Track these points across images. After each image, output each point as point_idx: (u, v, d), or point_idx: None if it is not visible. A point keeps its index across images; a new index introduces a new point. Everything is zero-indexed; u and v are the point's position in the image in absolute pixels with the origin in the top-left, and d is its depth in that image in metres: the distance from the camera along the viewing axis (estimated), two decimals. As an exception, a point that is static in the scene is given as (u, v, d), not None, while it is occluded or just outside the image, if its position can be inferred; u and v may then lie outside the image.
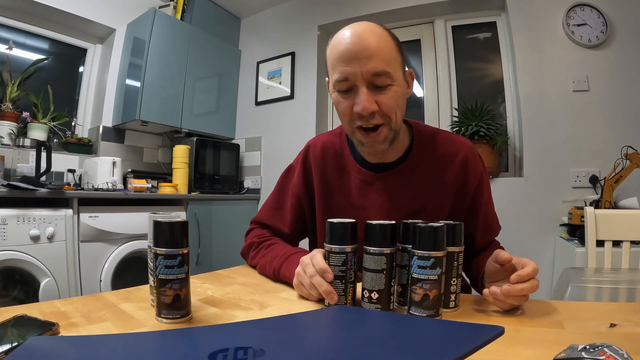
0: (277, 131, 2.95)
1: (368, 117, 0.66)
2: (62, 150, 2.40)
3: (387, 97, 0.66)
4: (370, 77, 0.64)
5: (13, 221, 1.57)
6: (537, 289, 0.52)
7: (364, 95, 0.64)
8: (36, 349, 0.34)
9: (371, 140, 0.69)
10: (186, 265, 0.50)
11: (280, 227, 0.89)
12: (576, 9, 2.01)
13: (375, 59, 0.63)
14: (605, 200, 1.66)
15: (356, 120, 0.68)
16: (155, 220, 0.49)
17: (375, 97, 0.65)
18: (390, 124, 0.68)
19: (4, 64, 2.22)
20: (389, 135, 0.70)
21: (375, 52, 0.63)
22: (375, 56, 0.63)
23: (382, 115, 0.67)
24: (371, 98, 0.65)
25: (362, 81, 0.64)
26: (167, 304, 0.48)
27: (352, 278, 0.55)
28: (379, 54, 0.64)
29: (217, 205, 2.62)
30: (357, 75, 0.64)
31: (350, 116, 0.68)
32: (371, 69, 0.63)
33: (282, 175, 0.94)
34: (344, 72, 0.65)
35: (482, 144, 2.10)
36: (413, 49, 2.63)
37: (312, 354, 0.33)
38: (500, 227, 0.87)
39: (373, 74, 0.64)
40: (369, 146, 0.71)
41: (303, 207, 0.88)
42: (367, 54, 0.63)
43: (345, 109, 0.68)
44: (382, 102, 0.66)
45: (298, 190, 0.88)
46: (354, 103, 0.66)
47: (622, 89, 1.92)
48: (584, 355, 0.32)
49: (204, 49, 2.88)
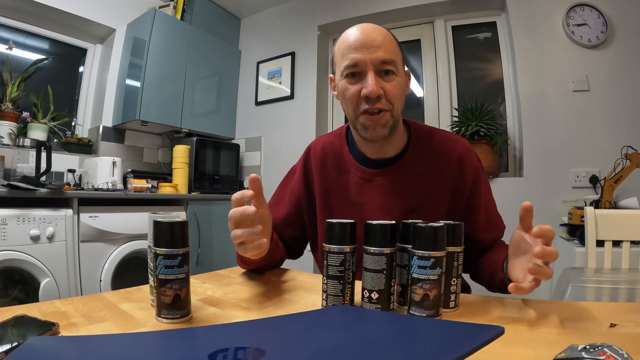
0: (277, 131, 2.95)
1: (374, 101, 0.70)
2: (62, 150, 2.40)
3: (392, 85, 0.72)
4: (378, 64, 0.70)
5: (13, 221, 1.57)
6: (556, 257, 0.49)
7: (372, 79, 0.69)
8: (36, 349, 0.34)
9: (374, 122, 0.73)
10: (186, 265, 0.50)
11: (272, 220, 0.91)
12: (576, 9, 2.01)
13: (382, 48, 0.70)
14: (605, 200, 1.66)
15: (362, 104, 0.72)
16: (155, 220, 0.49)
17: (381, 83, 0.71)
18: (392, 112, 0.73)
19: (4, 64, 2.22)
20: (389, 121, 0.73)
21: (382, 43, 0.71)
22: (382, 46, 0.70)
23: (387, 101, 0.72)
24: (378, 83, 0.70)
25: (371, 67, 0.70)
26: (167, 304, 0.48)
27: (350, 278, 0.55)
28: (385, 45, 0.71)
29: (217, 205, 2.62)
30: (366, 62, 0.70)
31: (357, 100, 0.73)
32: (380, 56, 0.70)
33: (285, 176, 0.97)
34: (354, 59, 0.70)
35: (482, 144, 2.10)
36: (413, 49, 2.63)
37: (312, 354, 0.33)
38: (504, 227, 0.86)
39: (381, 61, 0.70)
40: (372, 129, 0.74)
41: (302, 206, 0.90)
42: (376, 44, 0.70)
43: (353, 94, 0.72)
44: (387, 89, 0.71)
45: (298, 190, 0.90)
46: (361, 88, 0.71)
47: (622, 89, 1.92)
48: (584, 355, 0.32)
49: (204, 49, 2.88)
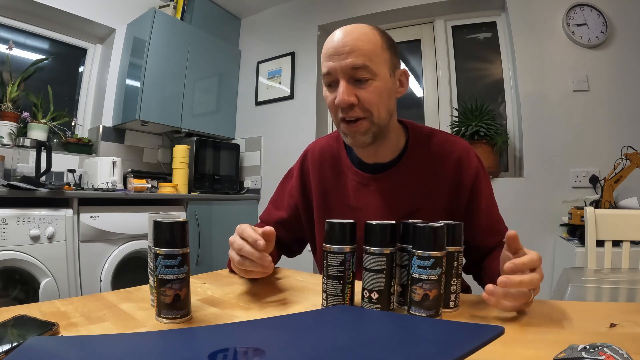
0: (277, 131, 2.95)
1: (347, 109, 0.69)
2: (62, 150, 2.40)
3: (367, 92, 0.68)
4: (349, 71, 0.67)
5: (13, 221, 1.57)
6: (537, 284, 0.48)
7: (342, 88, 0.67)
8: (36, 349, 0.34)
9: (352, 131, 0.71)
10: (186, 265, 0.50)
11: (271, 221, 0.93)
12: (576, 9, 2.01)
13: (353, 54, 0.66)
14: (605, 200, 1.66)
15: (339, 112, 0.71)
16: (155, 220, 0.49)
17: (356, 91, 0.68)
18: (372, 118, 0.70)
19: (4, 64, 2.22)
20: (370, 128, 0.71)
21: (354, 48, 0.67)
22: (354, 52, 0.66)
23: (362, 109, 0.69)
24: (350, 91, 0.68)
25: (343, 75, 0.68)
26: (167, 304, 0.48)
27: (350, 279, 0.55)
28: (358, 50, 0.67)
29: (217, 205, 2.62)
30: (337, 70, 0.68)
31: (335, 109, 0.71)
32: (349, 63, 0.66)
33: (283, 179, 0.98)
34: (327, 67, 0.69)
35: (482, 144, 2.10)
36: (413, 49, 2.63)
37: (312, 354, 0.33)
38: (507, 229, 0.82)
39: (352, 67, 0.67)
40: (351, 137, 0.73)
41: (299, 210, 0.90)
42: (347, 50, 0.67)
43: (330, 103, 0.72)
44: (362, 96, 0.68)
45: (295, 193, 0.90)
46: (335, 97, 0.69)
47: (622, 89, 1.92)
48: (584, 355, 0.32)
49: (204, 49, 2.88)
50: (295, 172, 0.91)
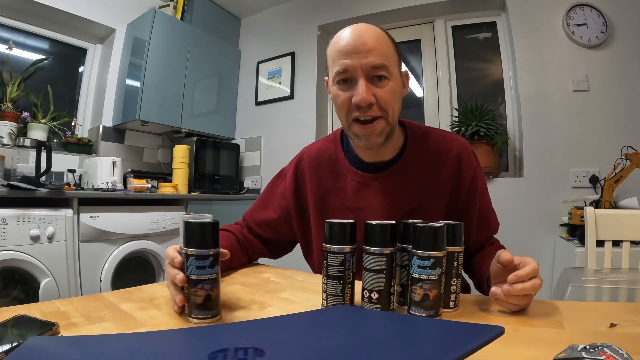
0: (277, 131, 2.95)
1: (365, 109, 0.68)
2: (62, 150, 2.40)
3: (384, 91, 0.68)
4: (369, 70, 0.67)
5: (13, 221, 1.57)
6: (539, 288, 0.51)
7: (362, 86, 0.66)
8: (36, 349, 0.34)
9: (368, 131, 0.70)
10: (217, 266, 0.50)
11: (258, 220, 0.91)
12: (576, 9, 2.01)
13: (373, 53, 0.66)
14: (605, 200, 1.66)
15: (354, 111, 0.70)
16: (186, 221, 0.49)
17: (373, 90, 0.68)
18: (387, 118, 0.70)
19: (4, 64, 2.22)
20: (385, 129, 0.71)
21: (373, 47, 0.66)
22: (373, 50, 0.66)
23: (379, 108, 0.69)
24: (369, 90, 0.67)
25: (361, 73, 0.67)
26: (198, 304, 0.48)
27: (350, 279, 0.55)
28: (377, 49, 0.67)
29: (217, 205, 2.62)
30: (356, 68, 0.67)
31: (348, 108, 0.70)
32: (370, 62, 0.66)
33: (274, 179, 0.95)
34: (344, 65, 0.67)
35: (482, 144, 2.10)
36: (413, 49, 2.63)
37: (312, 354, 0.33)
38: (498, 224, 0.86)
39: (372, 66, 0.66)
40: (365, 139, 0.72)
41: (290, 212, 0.89)
42: (367, 48, 0.66)
43: (343, 102, 0.70)
44: (380, 95, 0.68)
45: (288, 195, 0.88)
46: (352, 95, 0.68)
47: (622, 89, 1.92)
48: (584, 355, 0.32)
49: (204, 49, 2.88)
50: (289, 174, 0.89)
